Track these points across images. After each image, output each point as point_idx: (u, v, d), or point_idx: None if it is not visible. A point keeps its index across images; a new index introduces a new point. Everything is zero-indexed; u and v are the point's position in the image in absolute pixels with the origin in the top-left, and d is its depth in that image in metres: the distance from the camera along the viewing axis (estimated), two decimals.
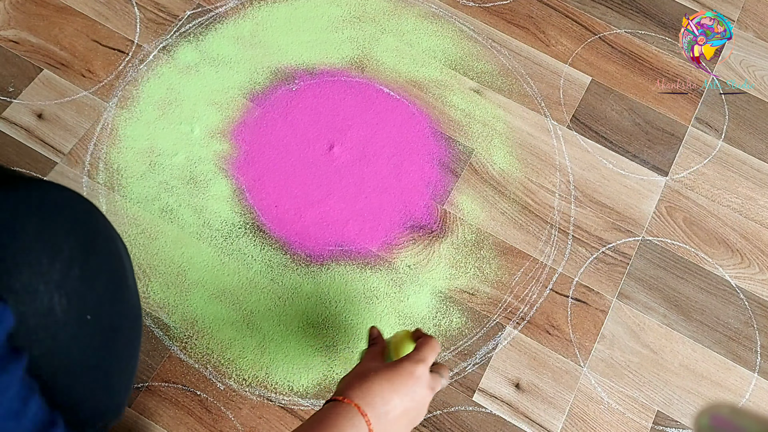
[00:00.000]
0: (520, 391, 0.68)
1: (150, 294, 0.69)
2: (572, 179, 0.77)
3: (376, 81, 0.81)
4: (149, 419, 0.65)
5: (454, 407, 0.67)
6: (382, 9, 0.86)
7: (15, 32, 0.81)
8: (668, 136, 0.81)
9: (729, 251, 0.75)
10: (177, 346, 0.68)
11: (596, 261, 0.74)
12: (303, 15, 0.85)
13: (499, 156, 0.78)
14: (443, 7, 0.86)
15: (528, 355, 0.69)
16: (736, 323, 0.72)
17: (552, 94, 0.82)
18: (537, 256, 0.73)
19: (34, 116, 0.77)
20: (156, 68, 0.80)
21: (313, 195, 0.75)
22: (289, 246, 0.72)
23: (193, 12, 0.84)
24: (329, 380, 0.67)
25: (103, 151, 0.76)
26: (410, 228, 0.74)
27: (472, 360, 0.69)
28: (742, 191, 0.78)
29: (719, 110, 0.83)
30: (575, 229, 0.75)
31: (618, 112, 0.82)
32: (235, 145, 0.77)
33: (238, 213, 0.73)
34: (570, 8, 0.87)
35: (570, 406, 0.68)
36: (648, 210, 0.77)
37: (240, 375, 0.67)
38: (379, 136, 0.78)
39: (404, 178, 0.76)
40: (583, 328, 0.71)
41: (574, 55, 0.84)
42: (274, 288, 0.70)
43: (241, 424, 0.65)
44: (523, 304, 0.71)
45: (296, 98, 0.80)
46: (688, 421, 0.68)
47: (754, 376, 0.70)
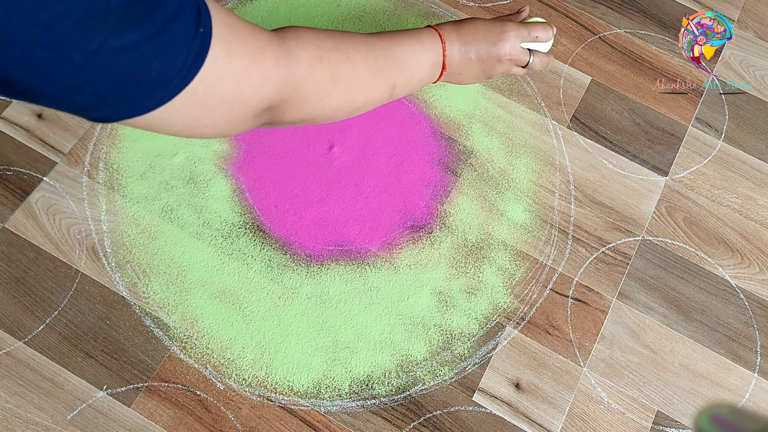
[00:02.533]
0: (520, 391, 0.68)
1: (150, 294, 0.69)
2: (572, 179, 0.77)
3: None
4: (149, 419, 0.65)
5: (454, 407, 0.67)
6: (382, 9, 0.86)
7: None
8: (668, 136, 0.81)
9: (729, 251, 0.75)
10: (177, 346, 0.68)
11: (596, 261, 0.74)
12: (303, 15, 0.85)
13: (499, 156, 0.78)
14: (443, 7, 0.86)
15: (528, 355, 0.69)
16: (736, 323, 0.72)
17: (552, 94, 0.82)
18: (537, 256, 0.73)
19: (33, 116, 0.77)
20: None
21: (313, 195, 0.75)
22: (289, 246, 0.72)
23: None
24: (329, 380, 0.67)
25: (103, 151, 0.76)
26: (410, 228, 0.74)
27: (472, 360, 0.69)
28: (742, 191, 0.78)
29: (719, 110, 0.83)
30: (575, 229, 0.75)
31: (618, 112, 0.82)
32: (235, 145, 0.77)
33: (238, 213, 0.73)
34: (570, 8, 0.87)
35: (570, 406, 0.68)
36: (648, 210, 0.77)
37: (240, 375, 0.67)
38: (379, 136, 0.78)
39: (404, 178, 0.76)
40: (583, 328, 0.71)
41: (574, 55, 0.84)
42: (273, 288, 0.70)
43: (241, 424, 0.65)
44: (523, 304, 0.71)
45: None
46: (688, 421, 0.68)
47: (754, 376, 0.70)
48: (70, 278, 0.70)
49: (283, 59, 0.43)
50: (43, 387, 0.65)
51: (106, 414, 0.65)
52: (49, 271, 0.70)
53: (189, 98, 0.37)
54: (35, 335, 0.67)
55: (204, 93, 0.37)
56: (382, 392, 0.67)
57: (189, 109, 0.38)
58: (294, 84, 0.44)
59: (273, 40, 0.43)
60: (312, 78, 0.46)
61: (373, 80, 0.52)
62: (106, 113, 0.35)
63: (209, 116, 0.39)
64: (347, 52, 0.49)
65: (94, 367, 0.66)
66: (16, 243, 0.71)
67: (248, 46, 0.40)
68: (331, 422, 0.66)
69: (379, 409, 0.66)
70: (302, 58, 0.45)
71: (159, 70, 0.34)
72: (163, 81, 0.35)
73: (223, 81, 0.38)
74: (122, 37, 0.31)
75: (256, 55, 0.41)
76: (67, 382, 0.66)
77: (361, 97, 0.52)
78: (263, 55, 0.41)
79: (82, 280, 0.70)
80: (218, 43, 0.37)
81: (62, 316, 0.68)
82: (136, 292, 0.70)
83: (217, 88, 0.38)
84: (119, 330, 0.68)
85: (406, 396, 0.67)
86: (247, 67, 0.40)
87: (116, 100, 0.34)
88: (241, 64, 0.39)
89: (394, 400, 0.67)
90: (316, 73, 0.46)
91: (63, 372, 0.66)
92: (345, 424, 0.66)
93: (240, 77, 0.40)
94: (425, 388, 0.67)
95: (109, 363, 0.67)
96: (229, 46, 0.38)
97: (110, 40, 0.31)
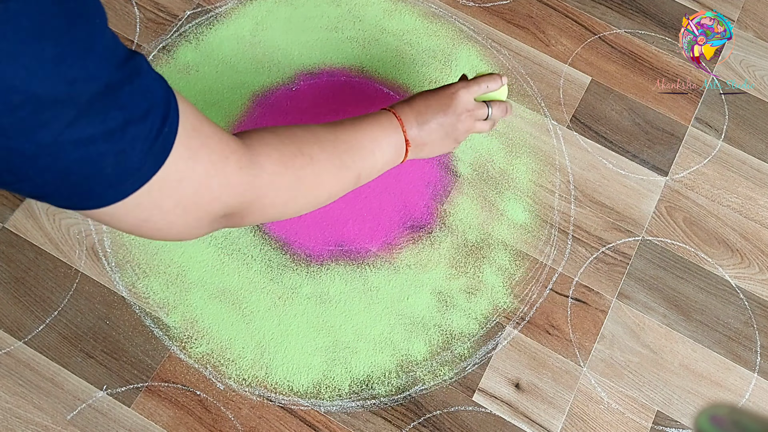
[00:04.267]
0: (520, 391, 0.68)
1: (150, 294, 0.69)
2: (572, 179, 0.77)
3: (376, 81, 0.81)
4: (149, 419, 0.65)
5: (454, 407, 0.67)
6: (382, 9, 0.86)
7: None
8: (668, 136, 0.81)
9: (729, 251, 0.75)
10: (177, 346, 0.68)
11: (596, 261, 0.74)
12: (303, 15, 0.85)
13: (499, 156, 0.78)
14: (443, 7, 0.86)
15: (528, 355, 0.69)
16: (736, 323, 0.72)
17: (552, 94, 0.82)
18: (537, 256, 0.73)
19: None
20: (156, 68, 0.80)
21: None
22: (289, 246, 0.72)
23: (193, 12, 0.84)
24: (329, 380, 0.67)
25: None
26: (410, 228, 0.74)
27: (472, 360, 0.69)
28: (742, 191, 0.78)
29: (719, 110, 0.83)
30: (575, 229, 0.75)
31: (618, 112, 0.82)
32: None
33: None
34: (570, 8, 0.87)
35: (570, 406, 0.68)
36: (648, 210, 0.77)
37: (240, 375, 0.67)
38: None
39: (404, 178, 0.76)
40: (583, 328, 0.71)
41: (574, 55, 0.84)
42: (273, 288, 0.70)
43: (241, 424, 0.65)
44: (523, 304, 0.71)
45: (296, 98, 0.80)
46: (688, 421, 0.68)
47: (754, 376, 0.70)
48: (69, 278, 0.70)
49: (247, 168, 0.42)
50: (43, 387, 0.65)
51: (106, 414, 0.65)
52: (49, 271, 0.70)
53: (143, 199, 0.35)
54: (35, 335, 0.67)
55: (160, 195, 0.36)
56: (382, 392, 0.67)
57: (142, 210, 0.36)
58: (256, 192, 0.44)
59: (238, 147, 0.42)
60: (275, 185, 0.45)
61: (337, 176, 0.52)
62: (53, 202, 0.34)
63: (163, 219, 0.38)
64: (311, 154, 0.49)
65: (94, 367, 0.66)
66: (16, 243, 0.71)
67: (212, 153, 0.39)
68: (331, 422, 0.66)
69: (379, 409, 0.66)
70: (266, 166, 0.44)
71: (114, 168, 0.33)
72: (117, 179, 0.33)
73: (182, 185, 0.37)
74: (80, 130, 0.30)
75: (219, 162, 0.39)
76: (67, 382, 0.66)
77: (325, 194, 0.52)
78: (226, 162, 0.40)
79: (82, 280, 0.70)
80: (182, 145, 0.36)
81: (62, 316, 0.68)
82: (136, 292, 0.70)
83: (174, 191, 0.37)
84: (119, 330, 0.68)
85: (406, 396, 0.67)
86: (208, 173, 0.39)
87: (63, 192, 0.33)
88: (202, 169, 0.38)
89: (394, 400, 0.67)
90: (279, 180, 0.46)
91: (63, 372, 0.66)
92: (345, 424, 0.66)
93: (200, 183, 0.38)
94: (425, 388, 0.67)
95: (109, 363, 0.67)
96: (193, 151, 0.37)
97: (67, 132, 0.29)
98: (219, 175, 0.40)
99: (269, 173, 0.44)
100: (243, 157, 0.42)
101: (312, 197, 0.51)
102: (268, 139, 0.46)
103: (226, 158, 0.40)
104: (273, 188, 0.45)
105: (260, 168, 0.44)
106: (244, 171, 0.42)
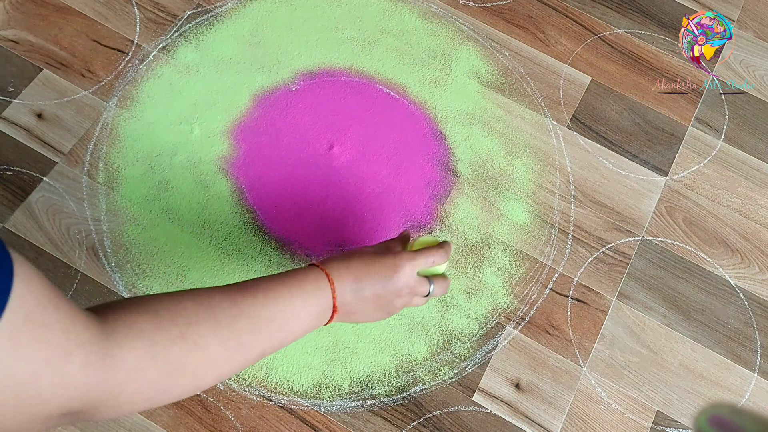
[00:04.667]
0: (519, 391, 0.68)
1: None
2: (572, 179, 0.77)
3: (376, 81, 0.81)
4: (149, 419, 0.65)
5: (454, 407, 0.67)
6: (382, 9, 0.86)
7: (15, 32, 0.81)
8: (668, 136, 0.81)
9: (729, 251, 0.75)
10: None
11: (596, 261, 0.74)
12: (303, 15, 0.85)
13: (499, 156, 0.78)
14: (443, 7, 0.86)
15: (528, 355, 0.69)
16: (736, 323, 0.72)
17: (552, 94, 0.82)
18: (537, 256, 0.73)
19: (33, 116, 0.77)
20: (156, 68, 0.80)
21: (313, 195, 0.75)
22: (289, 246, 0.72)
23: (193, 12, 0.84)
24: (329, 380, 0.67)
25: (103, 151, 0.76)
26: (410, 228, 0.74)
27: (471, 360, 0.69)
28: (742, 191, 0.78)
29: (719, 110, 0.83)
30: (575, 229, 0.75)
31: (618, 112, 0.82)
32: (235, 145, 0.77)
33: (238, 213, 0.73)
34: (570, 8, 0.87)
35: (570, 406, 0.68)
36: (648, 210, 0.77)
37: (240, 375, 0.67)
38: (379, 136, 0.78)
39: (404, 178, 0.76)
40: (583, 328, 0.71)
41: (573, 55, 0.84)
42: None
43: (241, 424, 0.65)
44: (523, 304, 0.71)
45: (296, 98, 0.80)
46: (688, 421, 0.68)
47: (754, 376, 0.70)
48: (70, 278, 0.70)
49: (95, 365, 0.35)
50: None
51: None
52: (49, 271, 0.70)
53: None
54: None
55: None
56: (382, 392, 0.67)
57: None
58: (109, 390, 0.37)
59: (91, 338, 0.35)
60: (136, 380, 0.39)
61: (230, 360, 0.45)
62: None
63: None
64: (197, 338, 0.42)
65: None
66: (16, 243, 0.70)
67: (48, 348, 0.32)
68: (331, 422, 0.66)
69: (379, 409, 0.67)
70: (127, 361, 0.37)
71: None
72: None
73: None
74: None
75: (57, 359, 0.33)
76: None
77: (211, 379, 0.44)
78: (68, 359, 0.33)
79: (82, 280, 0.70)
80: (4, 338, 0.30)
81: None
82: (136, 293, 0.70)
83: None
84: None
85: (406, 396, 0.67)
86: (37, 374, 0.32)
87: None
88: (28, 369, 0.31)
89: (394, 400, 0.67)
90: (144, 375, 0.39)
91: None
92: (345, 424, 0.66)
93: (23, 385, 0.32)
94: (425, 388, 0.67)
95: None
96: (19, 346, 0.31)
97: None
98: (53, 375, 0.33)
99: (128, 369, 0.37)
100: (94, 352, 0.35)
101: (191, 387, 0.43)
102: (141, 323, 0.39)
103: (68, 354, 0.33)
104: (133, 383, 0.38)
105: (117, 364, 0.37)
106: (92, 368, 0.35)
